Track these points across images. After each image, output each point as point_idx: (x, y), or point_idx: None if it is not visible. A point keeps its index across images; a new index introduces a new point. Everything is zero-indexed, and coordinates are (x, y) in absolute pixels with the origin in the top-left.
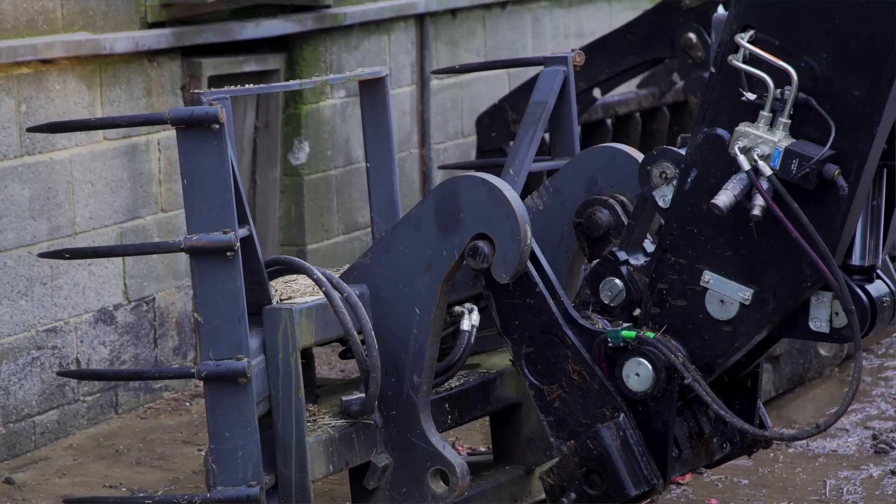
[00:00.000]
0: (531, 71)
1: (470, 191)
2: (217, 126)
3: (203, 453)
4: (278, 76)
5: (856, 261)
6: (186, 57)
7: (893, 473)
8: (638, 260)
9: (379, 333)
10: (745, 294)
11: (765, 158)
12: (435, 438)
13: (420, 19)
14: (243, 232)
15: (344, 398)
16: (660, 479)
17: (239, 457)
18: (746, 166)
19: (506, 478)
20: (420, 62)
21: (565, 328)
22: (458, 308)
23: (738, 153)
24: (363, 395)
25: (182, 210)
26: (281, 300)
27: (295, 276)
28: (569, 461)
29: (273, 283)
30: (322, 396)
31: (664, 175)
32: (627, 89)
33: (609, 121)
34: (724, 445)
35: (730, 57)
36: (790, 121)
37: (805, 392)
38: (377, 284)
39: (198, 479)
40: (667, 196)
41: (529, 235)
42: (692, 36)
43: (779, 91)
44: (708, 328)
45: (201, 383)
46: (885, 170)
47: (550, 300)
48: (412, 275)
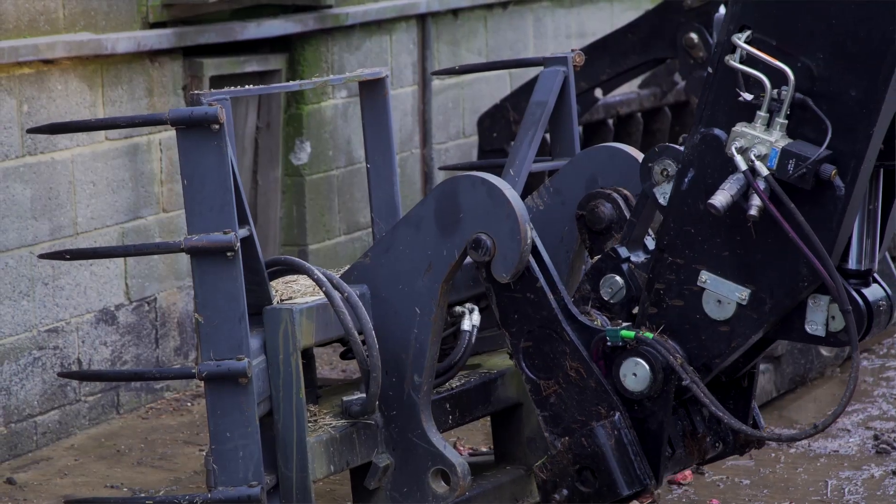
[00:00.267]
0: (533, 71)
1: (470, 190)
2: (217, 126)
3: (204, 453)
4: (280, 76)
5: (852, 265)
6: (188, 57)
7: (895, 474)
8: (639, 257)
9: (379, 333)
10: (742, 294)
11: (761, 158)
12: (436, 438)
13: (422, 19)
14: (243, 232)
15: (345, 398)
16: (652, 480)
17: (240, 457)
18: (743, 166)
19: (507, 478)
20: (422, 62)
21: (564, 324)
22: (459, 308)
23: (735, 153)
24: (364, 396)
25: (184, 210)
26: (281, 300)
27: (295, 277)
28: (562, 457)
29: (273, 284)
30: (323, 396)
31: (665, 172)
32: (629, 89)
33: (611, 121)
34: (717, 444)
35: (727, 57)
36: (787, 121)
37: (806, 392)
38: (378, 284)
39: (199, 480)
40: (667, 193)
41: (529, 235)
42: (694, 36)
43: (775, 91)
44: (705, 328)
45: (202, 383)
46: (882, 169)
47: (551, 295)
48: (413, 275)
